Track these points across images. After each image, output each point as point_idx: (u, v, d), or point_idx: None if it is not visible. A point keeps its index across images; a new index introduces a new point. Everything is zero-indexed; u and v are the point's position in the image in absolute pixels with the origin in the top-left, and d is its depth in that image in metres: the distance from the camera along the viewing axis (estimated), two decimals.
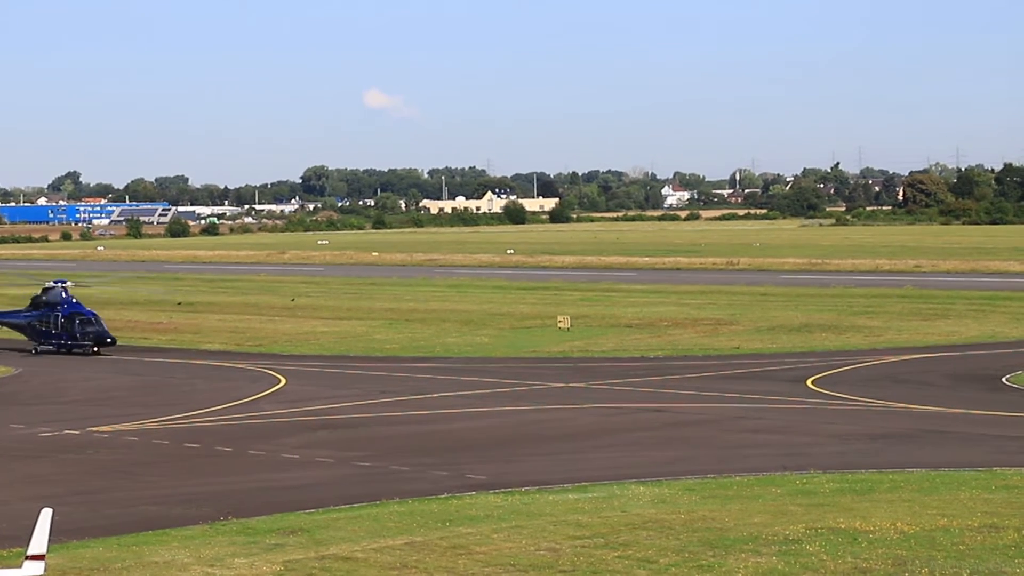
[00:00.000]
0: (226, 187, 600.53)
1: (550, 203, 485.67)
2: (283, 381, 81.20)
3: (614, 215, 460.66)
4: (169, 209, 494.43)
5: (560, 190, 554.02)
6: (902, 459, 54.31)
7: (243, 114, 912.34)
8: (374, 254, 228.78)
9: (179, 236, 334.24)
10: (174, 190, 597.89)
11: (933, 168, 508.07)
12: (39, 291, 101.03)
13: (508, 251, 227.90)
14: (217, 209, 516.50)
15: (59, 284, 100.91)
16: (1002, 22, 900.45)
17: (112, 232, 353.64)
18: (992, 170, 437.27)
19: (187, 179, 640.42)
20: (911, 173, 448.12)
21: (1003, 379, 77.89)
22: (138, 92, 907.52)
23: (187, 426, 65.55)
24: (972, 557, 36.90)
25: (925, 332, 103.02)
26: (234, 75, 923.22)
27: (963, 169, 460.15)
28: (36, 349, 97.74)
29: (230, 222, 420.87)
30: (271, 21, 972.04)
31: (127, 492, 50.30)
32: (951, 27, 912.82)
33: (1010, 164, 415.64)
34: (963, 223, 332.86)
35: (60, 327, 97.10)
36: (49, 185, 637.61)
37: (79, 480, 52.58)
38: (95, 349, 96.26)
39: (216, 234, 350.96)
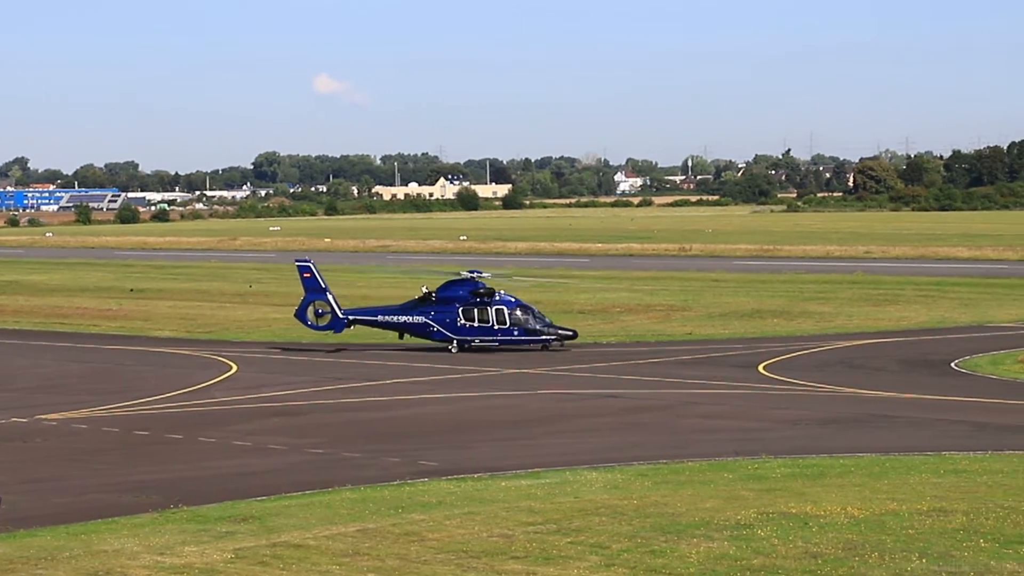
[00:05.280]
0: (177, 173, 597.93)
1: (503, 189, 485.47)
2: (234, 368, 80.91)
3: (567, 201, 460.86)
4: (119, 195, 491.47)
5: (513, 176, 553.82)
6: (852, 444, 54.54)
7: (193, 100, 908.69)
8: (326, 240, 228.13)
9: (129, 222, 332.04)
10: (124, 176, 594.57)
11: (883, 155, 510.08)
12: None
13: (461, 237, 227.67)
14: (168, 195, 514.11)
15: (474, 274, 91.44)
16: (949, 11, 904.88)
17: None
18: (941, 157, 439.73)
19: (137, 165, 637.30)
20: (861, 160, 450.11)
21: (952, 364, 78.31)
22: (87, 77, 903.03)
23: (137, 413, 65.21)
24: (921, 541, 37.07)
25: (875, 318, 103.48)
26: (184, 61, 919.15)
27: (912, 156, 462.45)
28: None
29: (181, 208, 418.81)
30: (220, 6, 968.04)
31: (75, 480, 49.99)
32: (900, 16, 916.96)
33: (958, 151, 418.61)
34: (912, 209, 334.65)
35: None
36: None
37: (26, 468, 52.20)
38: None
39: (167, 220, 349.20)
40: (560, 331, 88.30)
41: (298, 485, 47.51)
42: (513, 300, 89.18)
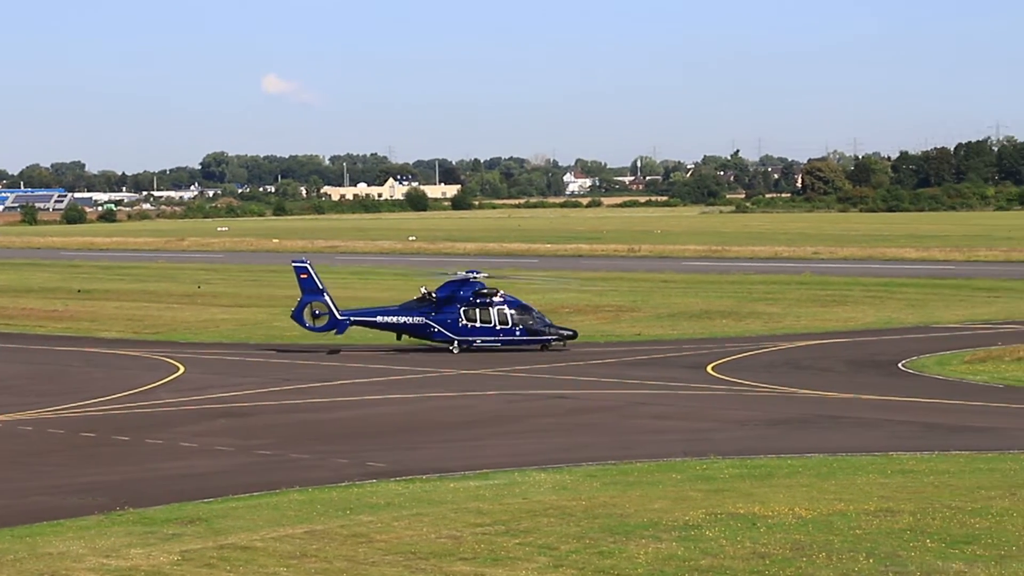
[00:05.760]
0: (124, 173, 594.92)
1: (452, 190, 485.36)
2: (182, 369, 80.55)
3: (516, 202, 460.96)
4: (65, 195, 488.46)
5: (462, 177, 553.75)
6: (800, 444, 54.71)
7: (141, 99, 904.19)
8: (275, 241, 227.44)
9: (76, 223, 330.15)
10: (70, 176, 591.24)
11: (831, 156, 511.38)
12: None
13: (410, 238, 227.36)
14: (115, 195, 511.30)
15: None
16: (897, 13, 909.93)
17: None
18: (888, 158, 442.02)
19: (84, 165, 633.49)
20: (809, 161, 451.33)
21: (899, 364, 78.68)
22: (33, 76, 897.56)
23: (83, 415, 64.83)
24: (868, 541, 37.19)
25: (823, 318, 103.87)
26: (131, 60, 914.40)
27: (860, 157, 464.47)
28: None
29: (128, 208, 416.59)
30: (167, 5, 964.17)
31: (20, 483, 49.62)
32: (847, 17, 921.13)
33: (906, 152, 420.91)
34: (860, 210, 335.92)
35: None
36: None
37: None
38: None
39: (114, 221, 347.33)
40: (561, 331, 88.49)
41: (245, 487, 47.31)
42: (514, 300, 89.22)
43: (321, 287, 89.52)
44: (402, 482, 48.01)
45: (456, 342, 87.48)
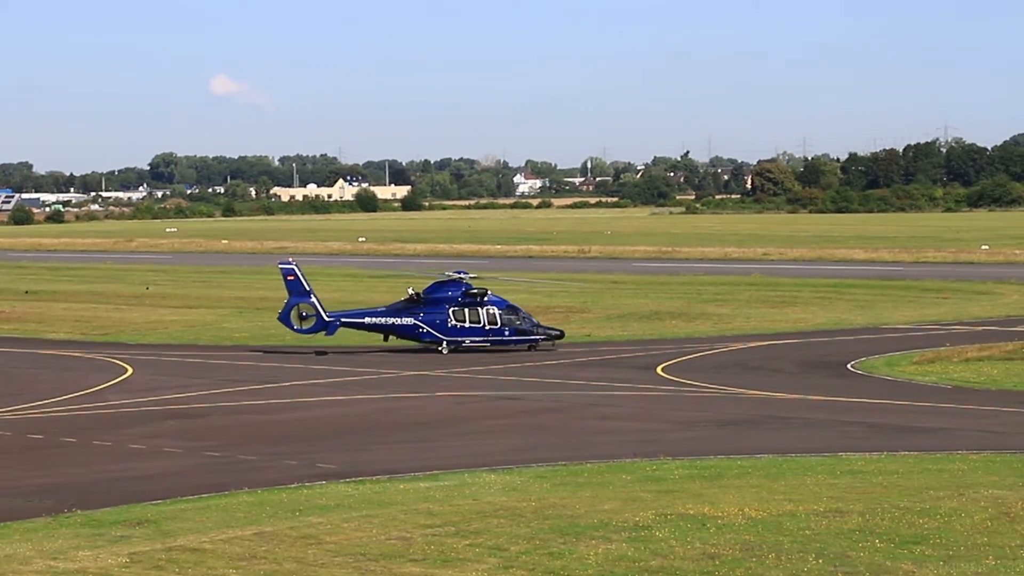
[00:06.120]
0: (72, 174, 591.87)
1: (402, 191, 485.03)
2: (130, 370, 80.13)
3: (466, 203, 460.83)
4: (12, 196, 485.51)
5: (412, 178, 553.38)
6: (750, 445, 54.83)
7: (90, 100, 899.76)
8: (224, 242, 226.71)
9: (23, 223, 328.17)
10: (18, 177, 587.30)
11: (780, 157, 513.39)
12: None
13: (360, 239, 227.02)
14: (63, 196, 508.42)
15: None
16: (845, 15, 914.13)
17: None
18: (838, 159, 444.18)
19: (31, 165, 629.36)
20: (759, 162, 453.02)
21: (848, 365, 78.96)
22: None
23: (31, 417, 64.39)
24: (817, 541, 37.31)
25: (773, 319, 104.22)
26: (79, 60, 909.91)
27: (809, 158, 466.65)
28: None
29: (76, 209, 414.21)
30: (116, 5, 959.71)
31: None
32: (796, 19, 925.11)
33: (855, 153, 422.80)
34: (810, 211, 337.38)
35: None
36: None
37: None
38: None
39: (62, 221, 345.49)
40: (549, 331, 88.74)
41: (194, 488, 47.07)
42: (502, 301, 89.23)
43: (308, 289, 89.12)
44: (352, 483, 47.88)
45: (445, 343, 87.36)
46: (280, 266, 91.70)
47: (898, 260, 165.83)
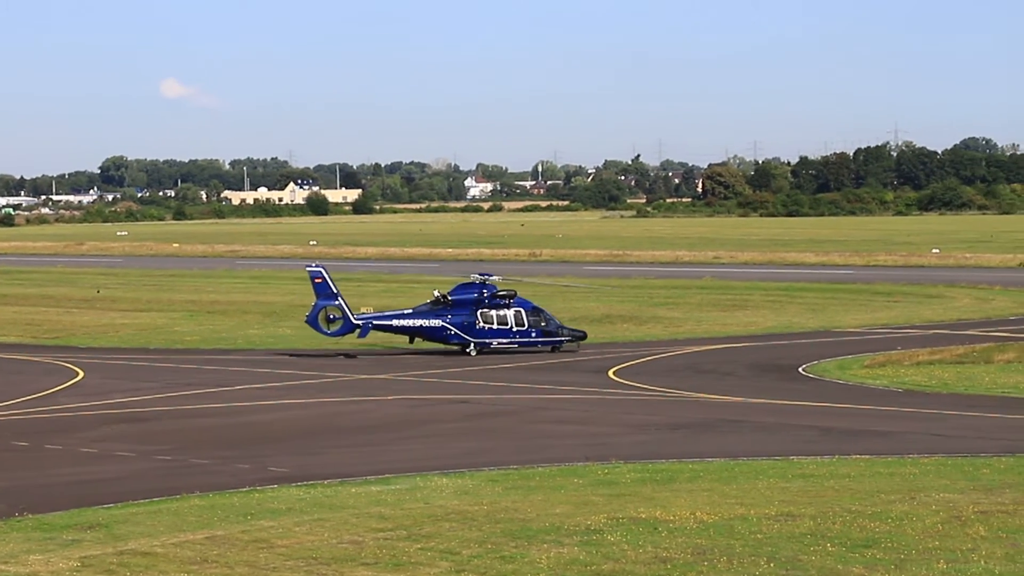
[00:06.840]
0: (22, 177, 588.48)
1: (353, 194, 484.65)
2: (81, 374, 79.74)
3: (417, 206, 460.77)
4: None
5: (363, 181, 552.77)
6: (701, 449, 54.95)
7: (39, 102, 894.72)
8: (175, 245, 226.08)
9: None
10: None
11: (731, 161, 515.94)
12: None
13: (311, 242, 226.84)
14: (12, 200, 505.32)
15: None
16: (796, 18, 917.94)
17: None
18: (788, 163, 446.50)
19: None
20: (710, 166, 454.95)
21: (800, 369, 79.26)
22: None
23: None
24: (769, 545, 37.44)
25: (724, 323, 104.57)
26: (28, 63, 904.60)
27: (760, 162, 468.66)
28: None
29: (26, 213, 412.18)
30: (66, 6, 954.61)
31: None
32: (747, 24, 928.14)
33: (805, 157, 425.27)
34: (760, 215, 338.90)
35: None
36: None
37: None
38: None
39: (12, 225, 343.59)
40: (573, 332, 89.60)
41: (145, 492, 46.87)
42: (527, 302, 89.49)
43: (335, 291, 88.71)
44: (304, 487, 47.78)
45: (473, 344, 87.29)
46: (308, 269, 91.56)
47: (849, 263, 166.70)
